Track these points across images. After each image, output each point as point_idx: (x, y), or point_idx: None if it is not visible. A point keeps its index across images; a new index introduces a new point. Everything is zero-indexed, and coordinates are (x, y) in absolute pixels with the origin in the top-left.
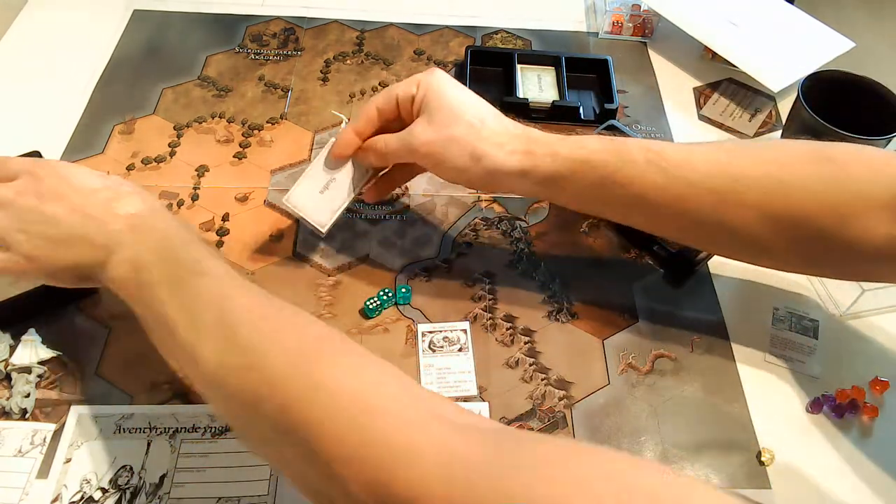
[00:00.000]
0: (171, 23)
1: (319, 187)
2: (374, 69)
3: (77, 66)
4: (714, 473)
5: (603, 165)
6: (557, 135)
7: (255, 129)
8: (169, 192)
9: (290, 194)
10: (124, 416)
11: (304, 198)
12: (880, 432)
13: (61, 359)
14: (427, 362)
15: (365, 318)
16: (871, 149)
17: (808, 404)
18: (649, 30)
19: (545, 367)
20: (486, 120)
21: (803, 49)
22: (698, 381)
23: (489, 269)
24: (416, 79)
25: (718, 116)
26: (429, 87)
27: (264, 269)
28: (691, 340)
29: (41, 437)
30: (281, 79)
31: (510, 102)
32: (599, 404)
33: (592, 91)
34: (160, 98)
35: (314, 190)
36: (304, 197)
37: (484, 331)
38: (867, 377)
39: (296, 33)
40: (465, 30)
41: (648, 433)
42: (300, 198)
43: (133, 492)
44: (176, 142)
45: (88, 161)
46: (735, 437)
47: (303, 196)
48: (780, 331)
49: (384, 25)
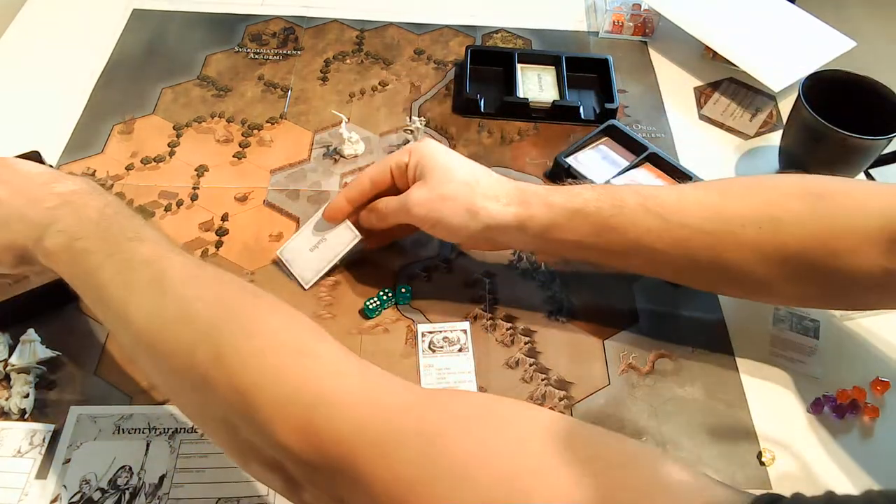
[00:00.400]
0: (171, 22)
1: (310, 245)
2: (374, 69)
3: (77, 65)
4: (714, 474)
5: (597, 213)
6: (550, 186)
7: (255, 128)
8: (168, 191)
9: (284, 248)
10: (123, 417)
11: (294, 253)
12: (881, 433)
13: (61, 359)
14: (427, 362)
15: (365, 318)
16: (858, 182)
17: (809, 405)
18: (650, 29)
19: (545, 368)
20: (480, 178)
21: (804, 49)
22: (699, 381)
23: (489, 269)
24: (408, 148)
25: (719, 116)
26: (421, 154)
27: (264, 269)
28: (692, 341)
29: (40, 437)
30: (280, 78)
31: (510, 102)
32: (600, 405)
33: (593, 91)
34: (160, 98)
35: (305, 247)
36: (296, 252)
37: (484, 331)
38: (868, 377)
39: (295, 33)
40: (465, 29)
41: (649, 433)
42: (292, 252)
43: (132, 492)
44: (175, 141)
45: (88, 161)
46: (736, 438)
47: (294, 252)
48: (780, 331)
49: (384, 25)
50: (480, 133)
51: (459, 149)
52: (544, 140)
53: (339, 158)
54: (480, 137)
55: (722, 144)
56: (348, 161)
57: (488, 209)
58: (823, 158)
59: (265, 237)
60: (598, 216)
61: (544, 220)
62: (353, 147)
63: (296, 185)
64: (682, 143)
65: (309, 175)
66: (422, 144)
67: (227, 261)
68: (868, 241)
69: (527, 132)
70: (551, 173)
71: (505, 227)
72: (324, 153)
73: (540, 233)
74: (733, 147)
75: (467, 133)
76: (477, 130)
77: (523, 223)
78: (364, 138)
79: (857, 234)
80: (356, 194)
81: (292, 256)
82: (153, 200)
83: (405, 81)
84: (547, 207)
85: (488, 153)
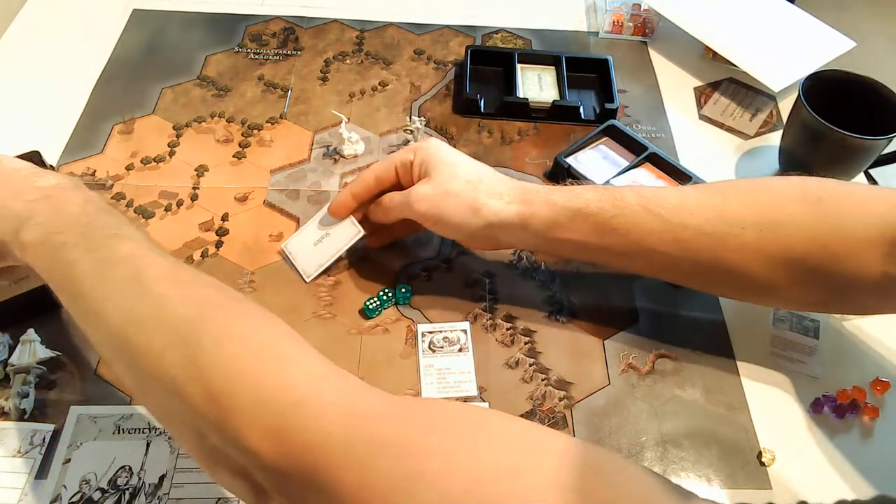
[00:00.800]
0: (171, 22)
1: (314, 240)
2: (374, 69)
3: (77, 65)
4: (714, 474)
5: (599, 213)
6: (553, 185)
7: (255, 128)
8: (168, 191)
9: (289, 241)
10: (123, 417)
11: (299, 247)
12: (881, 433)
13: (60, 359)
14: (427, 362)
15: (365, 319)
16: (859, 185)
17: (809, 405)
18: (650, 29)
19: (545, 368)
20: (483, 176)
21: (804, 49)
22: (699, 381)
23: (489, 269)
24: (413, 146)
25: (719, 116)
26: (427, 152)
27: (264, 268)
28: (692, 341)
29: (40, 437)
30: (280, 78)
31: (510, 102)
32: (600, 405)
33: (593, 91)
34: (159, 98)
35: (309, 241)
36: (300, 246)
37: (484, 331)
38: (868, 377)
39: (295, 33)
40: (465, 29)
41: (649, 433)
42: (296, 246)
43: (132, 492)
44: (175, 141)
45: (88, 161)
46: (736, 438)
47: (298, 245)
48: (780, 331)
49: (384, 25)
50: (480, 133)
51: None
52: (544, 140)
53: (338, 158)
54: (480, 137)
55: (722, 144)
56: (348, 161)
57: (491, 206)
58: (823, 158)
59: (265, 237)
60: (600, 216)
61: (546, 219)
62: (353, 147)
63: (296, 185)
64: (682, 143)
65: (309, 175)
66: (426, 143)
67: (227, 261)
68: (869, 246)
69: (527, 132)
70: (551, 173)
71: (507, 225)
72: (324, 153)
73: (542, 231)
74: (733, 147)
75: (467, 133)
76: (477, 130)
77: (525, 221)
78: (364, 138)
79: (858, 238)
80: (361, 190)
81: (296, 250)
82: (153, 200)
83: (405, 81)
84: (549, 206)
85: (488, 153)
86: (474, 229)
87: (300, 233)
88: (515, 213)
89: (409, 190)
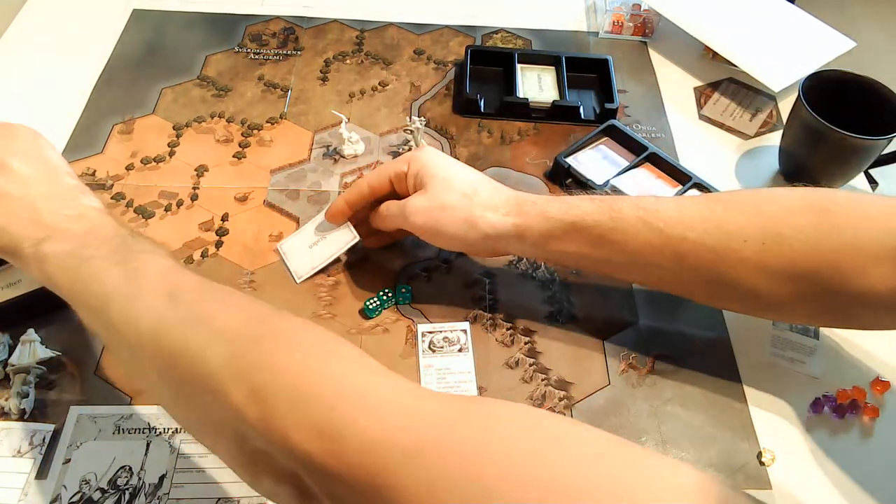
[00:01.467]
0: (171, 22)
1: (310, 243)
2: (374, 69)
3: (77, 65)
4: (714, 474)
5: (595, 226)
6: (549, 196)
7: (255, 128)
8: (168, 191)
9: (284, 242)
10: (123, 417)
11: (293, 248)
12: (881, 433)
13: (60, 359)
14: (427, 363)
15: (365, 319)
16: (865, 196)
17: (809, 405)
18: (650, 29)
19: (545, 368)
20: (478, 188)
21: (804, 49)
22: (699, 381)
23: (489, 269)
24: (407, 156)
25: (719, 116)
26: (421, 164)
27: (264, 268)
28: (692, 341)
29: (40, 437)
30: (280, 78)
31: (510, 102)
32: (600, 405)
33: (593, 91)
34: (159, 98)
35: (304, 244)
36: (294, 248)
37: (484, 331)
38: (868, 377)
39: (295, 33)
40: (465, 29)
41: (649, 433)
42: (291, 248)
43: (132, 492)
44: (175, 141)
45: (88, 161)
46: (735, 438)
47: (293, 247)
48: (780, 331)
49: (384, 25)
50: (480, 133)
51: (460, 149)
52: (544, 140)
53: (338, 158)
54: (480, 137)
55: (722, 144)
56: (348, 161)
57: (487, 219)
58: (823, 158)
59: (265, 237)
60: (596, 229)
61: (542, 231)
62: (353, 147)
63: (296, 186)
64: (682, 143)
65: (309, 175)
66: (420, 153)
67: (227, 261)
68: (876, 260)
69: (527, 132)
70: (551, 173)
71: (504, 237)
72: (324, 153)
73: (539, 243)
74: (733, 147)
75: (467, 133)
76: (477, 130)
77: (522, 233)
78: (364, 138)
79: (865, 252)
80: (355, 199)
81: (290, 251)
82: (153, 200)
83: (405, 81)
84: (544, 218)
85: (488, 153)
86: (471, 242)
87: (297, 235)
88: (512, 224)
89: (405, 202)
